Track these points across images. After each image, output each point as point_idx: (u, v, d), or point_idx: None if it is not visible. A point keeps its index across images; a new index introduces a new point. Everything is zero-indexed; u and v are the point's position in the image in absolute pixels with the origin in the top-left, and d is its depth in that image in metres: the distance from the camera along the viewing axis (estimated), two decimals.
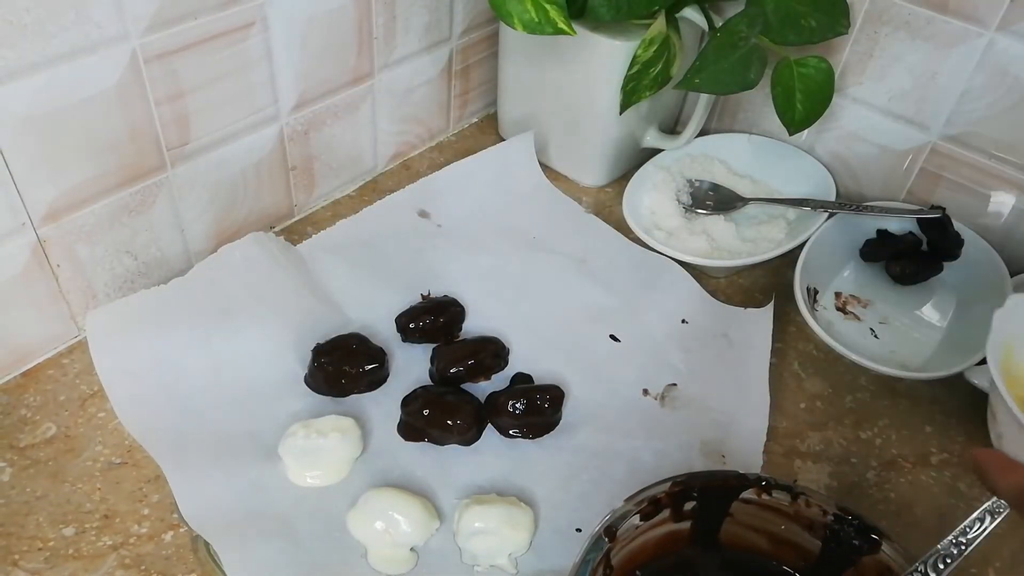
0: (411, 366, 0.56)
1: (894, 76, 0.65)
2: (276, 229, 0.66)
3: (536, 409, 0.52)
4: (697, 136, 0.73)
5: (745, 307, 0.63)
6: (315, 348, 0.53)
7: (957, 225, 0.64)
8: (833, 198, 0.68)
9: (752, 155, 0.74)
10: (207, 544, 0.44)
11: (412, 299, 0.59)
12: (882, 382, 0.59)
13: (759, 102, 0.74)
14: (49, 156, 0.48)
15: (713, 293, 0.64)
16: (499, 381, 0.55)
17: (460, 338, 0.58)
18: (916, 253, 0.65)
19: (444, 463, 0.51)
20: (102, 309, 0.53)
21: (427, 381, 0.55)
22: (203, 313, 0.54)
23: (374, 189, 0.72)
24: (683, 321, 0.60)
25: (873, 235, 0.66)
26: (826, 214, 0.66)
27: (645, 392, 0.56)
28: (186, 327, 0.53)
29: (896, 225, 0.66)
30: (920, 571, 0.36)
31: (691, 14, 0.63)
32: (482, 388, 0.55)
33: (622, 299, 0.62)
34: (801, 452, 0.54)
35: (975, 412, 0.56)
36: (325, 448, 0.48)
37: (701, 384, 0.57)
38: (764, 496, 0.40)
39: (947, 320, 0.63)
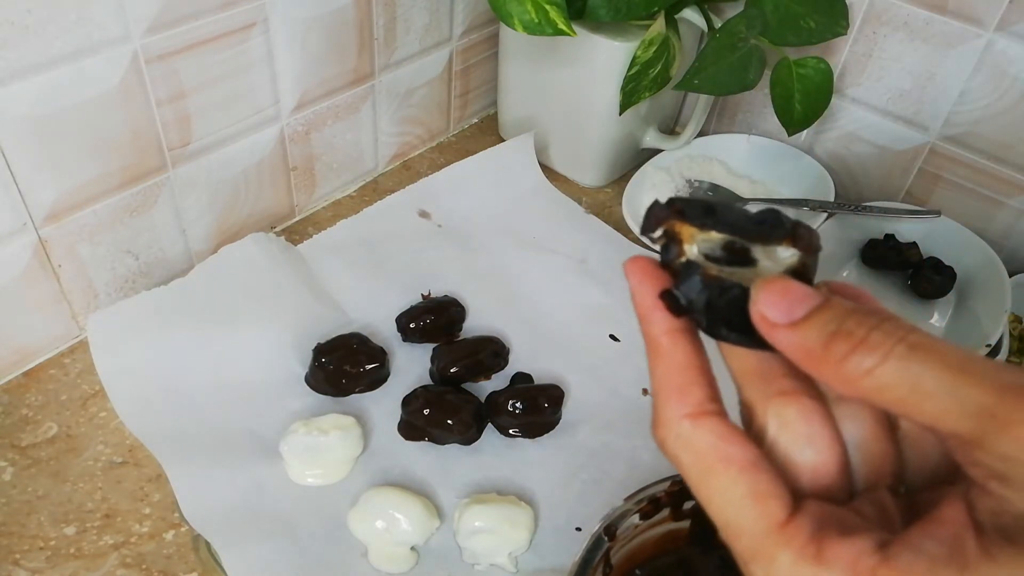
0: (411, 365, 0.56)
1: (893, 77, 0.65)
2: (277, 229, 0.67)
3: (536, 409, 0.52)
4: (696, 136, 0.73)
5: None
6: (316, 347, 0.53)
7: (956, 225, 0.64)
8: (832, 198, 0.68)
9: (751, 155, 0.74)
10: (208, 543, 0.44)
11: (412, 299, 0.59)
12: None
13: (758, 103, 0.74)
14: (51, 157, 0.48)
15: None
16: (499, 381, 0.55)
17: (460, 338, 0.58)
18: (925, 270, 0.64)
19: (444, 462, 0.51)
20: (103, 311, 0.53)
21: (427, 380, 0.55)
22: (204, 313, 0.54)
23: (375, 189, 0.72)
24: None
25: (872, 236, 0.66)
26: (825, 214, 0.66)
27: (645, 392, 0.56)
28: (187, 327, 0.53)
29: (903, 229, 0.66)
30: None
31: (690, 15, 0.64)
32: (482, 388, 0.55)
33: (622, 299, 0.61)
34: None
35: None
36: (326, 447, 0.49)
37: None
38: None
39: (945, 320, 0.63)
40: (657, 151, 0.73)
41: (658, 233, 0.25)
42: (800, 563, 0.19)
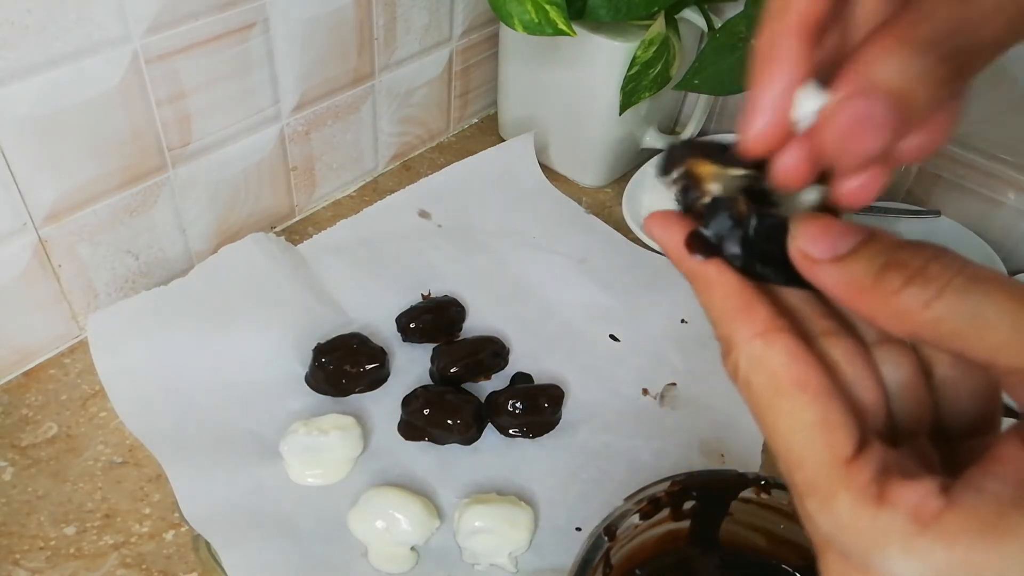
0: (411, 365, 0.56)
1: None
2: (277, 229, 0.67)
3: (536, 409, 0.52)
4: (697, 136, 0.73)
5: None
6: (316, 347, 0.53)
7: (956, 225, 0.64)
8: None
9: None
10: (208, 543, 0.44)
11: (412, 299, 0.59)
12: None
13: None
14: (51, 157, 0.48)
15: None
16: (499, 381, 0.56)
17: (460, 338, 0.58)
18: None
19: (444, 462, 0.51)
20: (103, 311, 0.53)
21: (427, 380, 0.55)
22: (204, 313, 0.54)
23: (375, 189, 0.72)
24: (683, 321, 0.61)
25: None
26: None
27: (645, 392, 0.56)
28: (187, 327, 0.53)
29: (903, 229, 0.66)
30: None
31: (690, 15, 0.64)
32: (482, 388, 0.55)
33: (622, 299, 0.62)
34: None
35: None
36: (326, 447, 0.49)
37: (700, 384, 0.57)
38: (763, 495, 0.40)
39: None
40: (657, 151, 0.73)
41: (676, 175, 0.24)
42: (861, 504, 0.18)
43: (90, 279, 0.55)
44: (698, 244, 0.23)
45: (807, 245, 0.20)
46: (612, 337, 0.59)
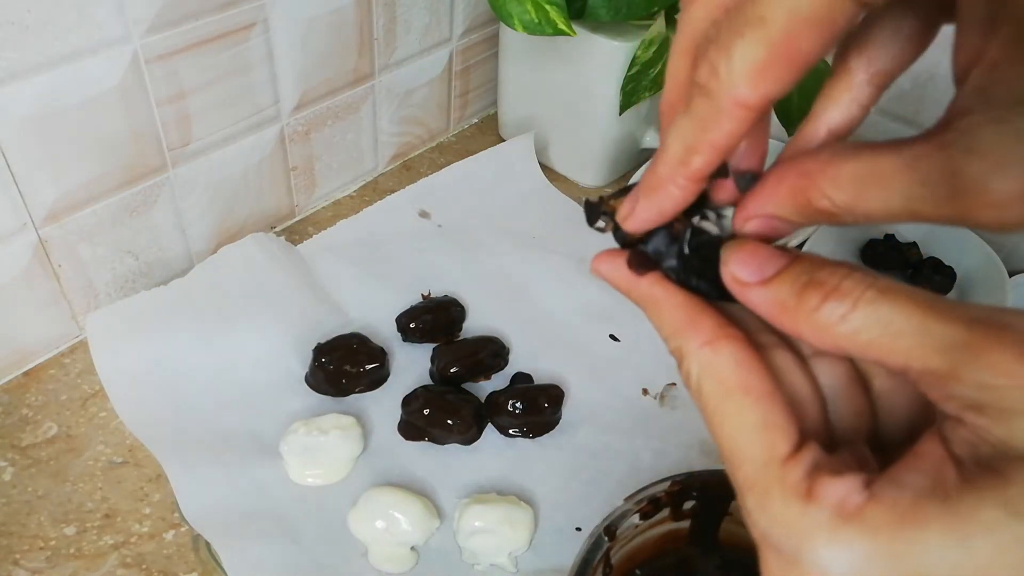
0: (412, 365, 0.56)
1: None
2: (277, 229, 0.67)
3: (536, 409, 0.52)
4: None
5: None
6: (316, 347, 0.53)
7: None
8: None
9: None
10: (208, 543, 0.44)
11: (412, 299, 0.59)
12: None
13: None
14: (51, 156, 0.48)
15: None
16: (499, 381, 0.56)
17: (460, 338, 0.58)
18: (925, 270, 0.64)
19: (444, 462, 0.51)
20: (102, 311, 0.53)
21: (427, 380, 0.55)
22: (204, 313, 0.54)
23: (375, 189, 0.72)
24: None
25: (872, 237, 0.66)
26: None
27: (645, 392, 0.56)
28: (187, 327, 0.53)
29: (903, 229, 0.66)
30: None
31: None
32: (482, 388, 0.55)
33: (622, 299, 0.61)
34: None
35: None
36: (326, 447, 0.49)
37: None
38: None
39: None
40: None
41: (602, 223, 0.26)
42: (792, 499, 0.20)
43: (90, 279, 0.55)
44: (638, 260, 0.25)
45: (736, 269, 0.22)
46: (612, 337, 0.59)
